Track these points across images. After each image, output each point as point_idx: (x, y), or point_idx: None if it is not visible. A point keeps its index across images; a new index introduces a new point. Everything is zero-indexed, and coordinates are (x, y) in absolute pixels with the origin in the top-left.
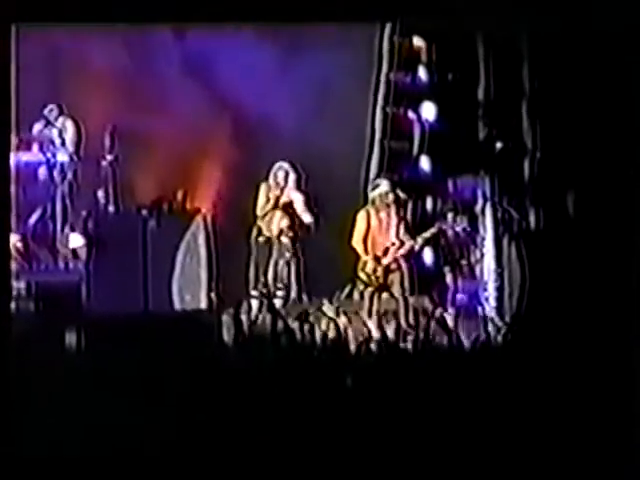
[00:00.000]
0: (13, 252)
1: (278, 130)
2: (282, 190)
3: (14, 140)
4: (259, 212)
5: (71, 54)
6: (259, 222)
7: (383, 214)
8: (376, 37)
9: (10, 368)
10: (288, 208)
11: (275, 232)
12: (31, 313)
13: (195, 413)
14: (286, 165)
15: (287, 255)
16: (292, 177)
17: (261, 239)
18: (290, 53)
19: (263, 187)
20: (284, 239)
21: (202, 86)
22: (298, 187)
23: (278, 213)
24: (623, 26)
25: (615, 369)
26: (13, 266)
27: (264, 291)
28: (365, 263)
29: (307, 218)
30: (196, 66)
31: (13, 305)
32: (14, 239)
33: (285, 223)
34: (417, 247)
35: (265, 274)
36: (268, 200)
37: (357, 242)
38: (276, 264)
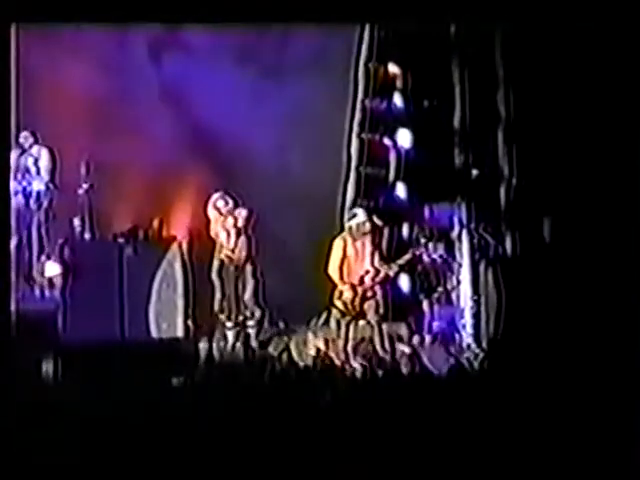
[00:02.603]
0: None
1: (254, 157)
2: (233, 216)
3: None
4: (227, 247)
5: (45, 80)
6: (223, 252)
7: (359, 243)
8: (352, 63)
9: None
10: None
11: (236, 259)
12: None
13: (171, 440)
14: (220, 194)
15: (251, 281)
16: (231, 202)
17: (224, 268)
18: (266, 80)
19: (219, 223)
20: (248, 266)
21: (178, 113)
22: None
23: (240, 240)
24: (598, 54)
25: (591, 396)
26: None
27: (238, 320)
28: (341, 292)
29: (244, 213)
30: (172, 94)
31: None
32: None
33: (245, 248)
34: (392, 274)
35: (237, 303)
36: (228, 233)
37: (333, 270)
38: (243, 291)
